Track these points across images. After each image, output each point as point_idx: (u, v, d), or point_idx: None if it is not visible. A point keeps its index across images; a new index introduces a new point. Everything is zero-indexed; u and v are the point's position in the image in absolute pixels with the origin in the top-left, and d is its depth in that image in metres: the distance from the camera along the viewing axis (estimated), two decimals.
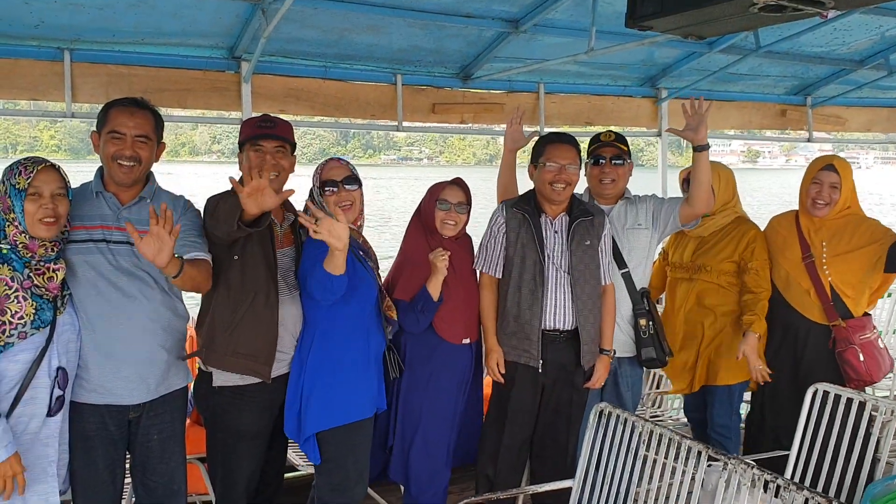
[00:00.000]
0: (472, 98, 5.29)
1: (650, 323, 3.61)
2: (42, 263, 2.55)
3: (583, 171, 3.63)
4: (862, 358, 3.61)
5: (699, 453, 2.43)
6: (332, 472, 3.05)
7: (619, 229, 3.64)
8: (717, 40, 4.96)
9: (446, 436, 3.44)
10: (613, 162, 3.63)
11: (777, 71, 5.85)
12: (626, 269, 3.61)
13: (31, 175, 2.50)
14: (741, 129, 6.53)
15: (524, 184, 3.70)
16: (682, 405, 4.47)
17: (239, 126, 3.89)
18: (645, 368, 3.76)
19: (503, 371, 3.42)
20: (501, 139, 4.01)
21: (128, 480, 2.99)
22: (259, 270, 2.91)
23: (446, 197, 3.40)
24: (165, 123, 2.98)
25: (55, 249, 2.58)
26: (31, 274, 2.51)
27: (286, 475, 3.49)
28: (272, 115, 3.17)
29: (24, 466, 2.46)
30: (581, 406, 3.51)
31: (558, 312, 3.39)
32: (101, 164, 2.84)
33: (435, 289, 3.30)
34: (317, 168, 3.19)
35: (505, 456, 3.46)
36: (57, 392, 2.56)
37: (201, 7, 3.85)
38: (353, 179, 3.14)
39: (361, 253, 3.17)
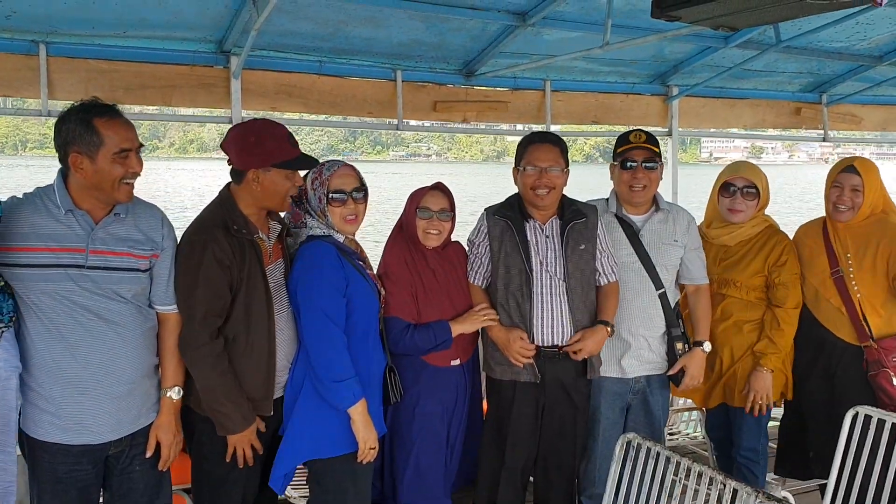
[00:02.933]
0: (475, 96, 5.05)
1: (685, 345, 3.36)
2: None
3: (566, 171, 3.36)
4: None
5: (744, 497, 2.17)
6: None
7: (656, 243, 3.37)
8: (734, 34, 4.71)
9: (440, 462, 3.17)
10: (645, 166, 3.33)
11: (793, 67, 5.62)
12: (663, 290, 3.34)
13: None
14: (754, 128, 6.30)
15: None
16: (703, 423, 4.20)
17: (227, 124, 3.62)
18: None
19: (531, 352, 3.12)
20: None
21: None
22: (254, 309, 2.66)
23: (427, 204, 3.12)
24: (157, 122, 2.72)
25: None
26: None
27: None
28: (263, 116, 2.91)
29: None
30: (585, 424, 3.28)
31: (556, 328, 3.15)
32: (60, 172, 2.49)
33: (458, 331, 3.09)
34: (320, 170, 2.89)
35: (507, 480, 3.22)
36: None
37: None
38: (362, 189, 2.90)
39: (360, 262, 2.91)
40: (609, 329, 3.19)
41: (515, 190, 3.32)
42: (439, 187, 3.19)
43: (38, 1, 3.49)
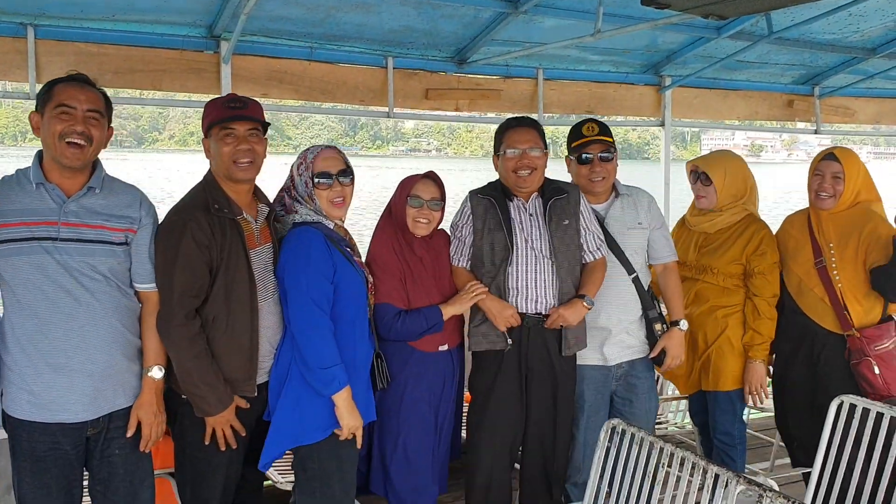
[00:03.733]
0: (467, 83, 5.03)
1: (663, 325, 3.39)
2: None
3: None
4: (878, 371, 3.36)
5: (727, 482, 2.18)
6: (317, 490, 2.78)
7: (621, 230, 3.38)
8: (726, 25, 4.71)
9: (428, 448, 3.17)
10: (601, 157, 3.35)
11: (785, 59, 5.62)
12: (635, 274, 3.36)
13: None
14: (747, 120, 6.30)
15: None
16: (688, 408, 4.24)
17: None
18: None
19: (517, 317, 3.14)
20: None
21: (87, 499, 2.71)
22: (235, 288, 2.64)
23: (418, 192, 3.11)
24: (158, 113, 2.70)
25: None
26: None
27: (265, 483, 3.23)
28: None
29: None
30: (567, 403, 3.26)
31: (539, 298, 3.15)
32: (38, 152, 2.51)
33: (449, 313, 3.09)
34: (304, 154, 2.88)
35: (496, 458, 3.21)
36: None
37: None
38: (348, 172, 2.88)
39: (348, 249, 2.90)
40: (585, 303, 3.17)
41: None
42: (431, 176, 3.17)
43: None
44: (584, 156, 3.35)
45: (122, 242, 2.53)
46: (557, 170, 3.47)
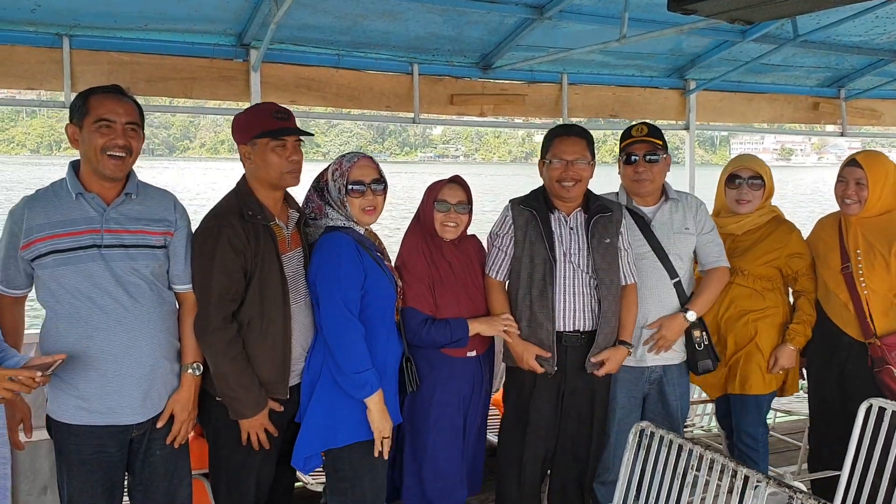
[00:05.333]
0: (492, 89, 5.06)
1: (703, 333, 3.37)
2: None
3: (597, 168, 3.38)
4: None
5: (756, 483, 2.19)
6: (348, 491, 2.82)
7: (667, 233, 3.37)
8: (751, 28, 4.70)
9: (457, 451, 3.20)
10: (648, 159, 3.34)
11: (811, 62, 5.59)
12: (678, 279, 3.35)
13: None
14: (772, 123, 6.27)
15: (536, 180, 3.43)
16: (714, 412, 4.23)
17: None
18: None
19: (546, 355, 3.14)
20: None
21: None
22: (268, 293, 2.69)
23: (445, 197, 3.14)
24: (189, 121, 2.76)
25: None
26: None
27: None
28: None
29: None
30: (603, 411, 3.29)
31: (577, 314, 3.15)
32: (72, 162, 2.58)
33: (475, 331, 3.11)
34: (341, 161, 2.93)
35: (528, 472, 3.23)
36: None
37: None
38: (381, 181, 2.92)
39: (378, 254, 2.94)
40: (629, 350, 3.23)
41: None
42: (457, 180, 3.20)
43: None
44: (631, 156, 3.36)
45: (161, 246, 2.60)
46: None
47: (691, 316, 3.32)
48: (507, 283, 3.28)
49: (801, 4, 2.57)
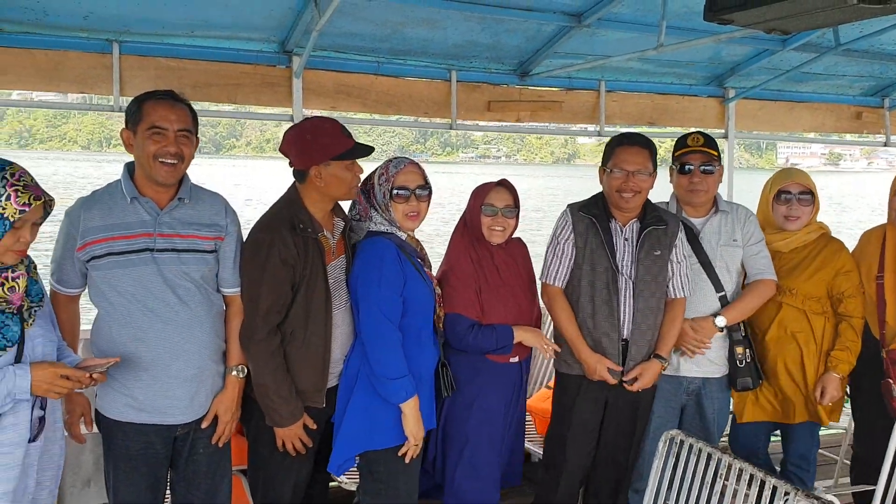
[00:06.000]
0: (529, 95, 5.08)
1: (746, 350, 3.34)
2: None
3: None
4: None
5: (785, 494, 2.19)
6: (382, 493, 2.88)
7: (714, 246, 3.35)
8: (792, 37, 4.67)
9: (494, 457, 3.23)
10: (703, 170, 3.32)
11: (853, 70, 5.52)
12: (724, 293, 3.32)
13: (26, 208, 2.17)
14: (814, 132, 6.19)
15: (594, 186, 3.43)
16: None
17: (288, 122, 3.72)
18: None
19: (618, 369, 3.15)
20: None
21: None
22: (313, 305, 2.75)
23: (492, 201, 3.15)
24: (237, 120, 2.84)
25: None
26: None
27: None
28: (324, 114, 3.00)
29: None
30: (644, 425, 3.30)
31: (624, 322, 3.17)
32: (127, 164, 2.66)
33: (519, 339, 3.12)
34: (387, 166, 2.97)
35: (567, 477, 3.26)
36: (38, 413, 2.31)
37: None
38: (426, 187, 2.97)
39: (419, 261, 2.98)
40: (665, 364, 3.22)
41: (585, 192, 3.33)
42: (504, 184, 3.21)
43: (113, 2, 3.65)
44: (686, 166, 3.34)
45: (212, 250, 2.67)
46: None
47: (720, 321, 3.28)
48: (566, 290, 3.26)
49: (838, 15, 2.55)
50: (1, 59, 3.86)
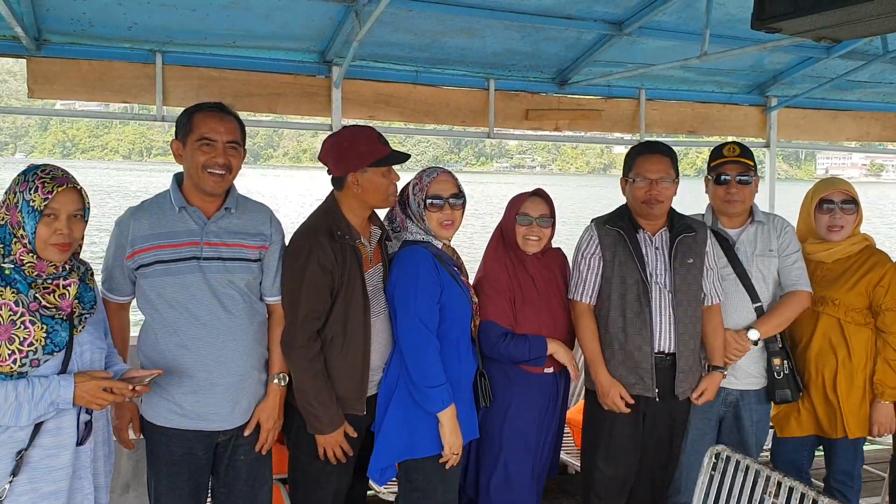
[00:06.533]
0: (567, 104, 5.07)
1: (784, 362, 3.27)
2: (50, 281, 2.29)
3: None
4: None
5: None
6: (419, 501, 2.86)
7: (750, 256, 3.30)
8: (837, 45, 4.58)
9: (528, 466, 3.18)
10: (739, 180, 3.27)
11: None
12: (759, 304, 3.26)
13: (49, 196, 2.21)
14: (858, 141, 6.08)
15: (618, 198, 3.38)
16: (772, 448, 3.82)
17: (327, 132, 3.73)
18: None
19: (630, 401, 3.10)
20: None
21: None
22: (351, 311, 2.74)
23: (527, 210, 3.13)
24: (273, 130, 2.86)
25: (67, 266, 2.35)
26: (37, 295, 2.25)
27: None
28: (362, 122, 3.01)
29: None
30: (681, 436, 3.23)
31: (663, 334, 3.09)
32: (176, 175, 2.69)
33: (552, 351, 3.08)
34: (420, 175, 2.97)
35: (608, 494, 3.20)
36: (84, 417, 2.33)
37: (294, 9, 3.76)
38: (460, 196, 2.96)
39: (456, 269, 2.97)
40: (723, 374, 3.18)
41: (621, 201, 3.28)
42: (539, 193, 3.19)
43: (157, 13, 3.71)
44: (722, 176, 3.29)
45: (256, 259, 2.69)
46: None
47: (753, 335, 3.22)
48: (595, 305, 3.20)
49: (890, 23, 2.48)
50: (48, 70, 3.95)
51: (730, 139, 3.45)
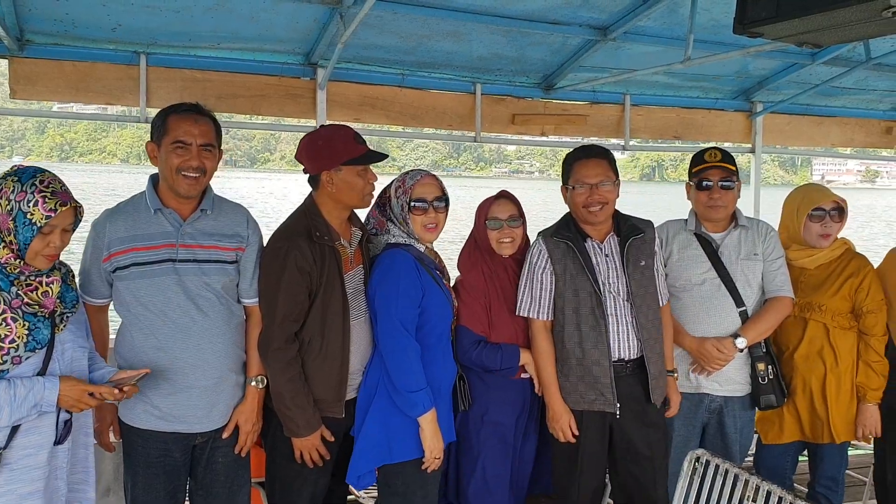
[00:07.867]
0: (553, 109, 5.07)
1: (769, 367, 3.27)
2: (33, 278, 2.29)
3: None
4: None
5: None
6: None
7: (734, 260, 3.29)
8: (821, 51, 4.62)
9: (506, 472, 3.16)
10: (722, 185, 3.27)
11: (884, 85, 5.44)
12: (744, 308, 3.25)
13: (52, 214, 2.22)
14: (843, 147, 6.11)
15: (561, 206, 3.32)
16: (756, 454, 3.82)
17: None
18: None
19: (576, 433, 3.06)
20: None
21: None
22: (330, 313, 2.73)
23: (496, 214, 3.13)
24: (272, 134, 2.84)
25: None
26: (19, 292, 2.25)
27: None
28: (345, 124, 3.01)
29: None
30: (662, 444, 3.17)
31: (622, 343, 3.04)
32: (151, 176, 2.69)
33: (525, 362, 3.09)
34: (403, 178, 2.96)
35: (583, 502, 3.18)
36: (64, 416, 2.33)
37: (278, 11, 3.74)
38: (443, 199, 2.95)
39: (438, 272, 2.97)
40: (674, 376, 3.22)
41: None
42: (504, 195, 3.20)
43: (141, 14, 3.68)
44: (703, 182, 3.29)
45: (233, 261, 2.68)
46: (659, 191, 3.41)
47: (740, 343, 3.21)
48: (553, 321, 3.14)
49: (872, 28, 2.49)
50: (30, 70, 3.92)
51: (712, 145, 3.46)
